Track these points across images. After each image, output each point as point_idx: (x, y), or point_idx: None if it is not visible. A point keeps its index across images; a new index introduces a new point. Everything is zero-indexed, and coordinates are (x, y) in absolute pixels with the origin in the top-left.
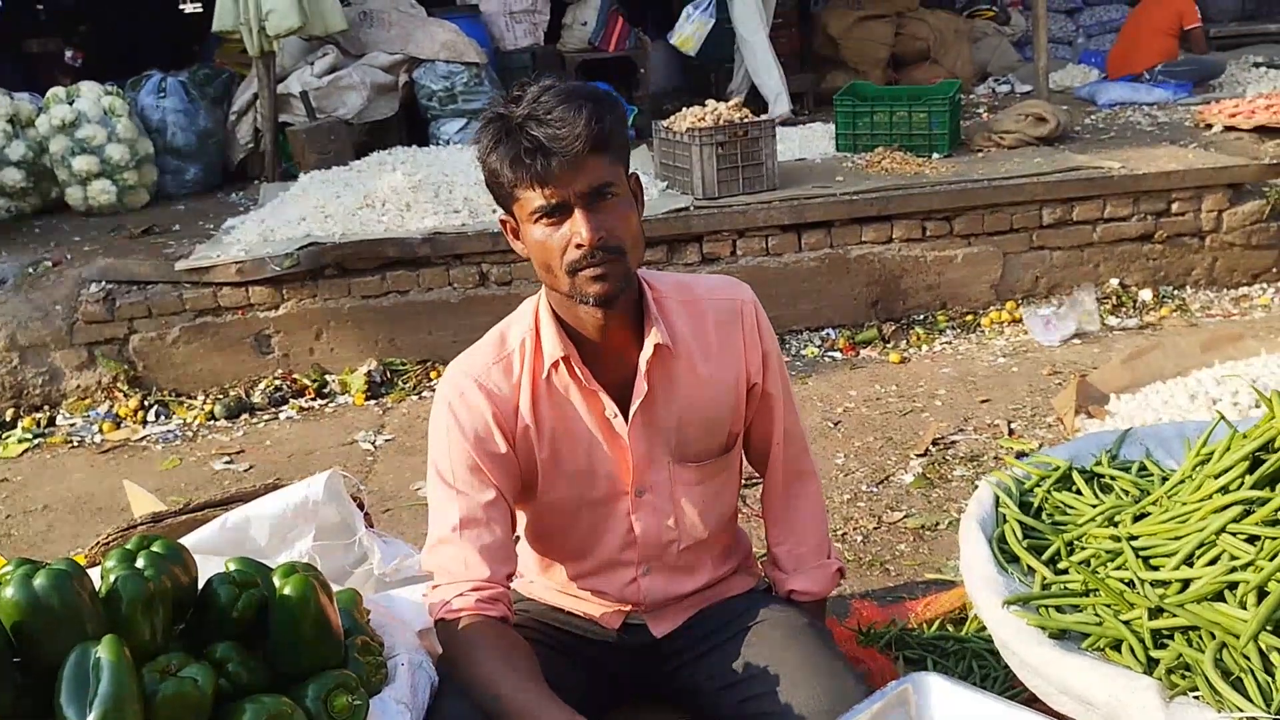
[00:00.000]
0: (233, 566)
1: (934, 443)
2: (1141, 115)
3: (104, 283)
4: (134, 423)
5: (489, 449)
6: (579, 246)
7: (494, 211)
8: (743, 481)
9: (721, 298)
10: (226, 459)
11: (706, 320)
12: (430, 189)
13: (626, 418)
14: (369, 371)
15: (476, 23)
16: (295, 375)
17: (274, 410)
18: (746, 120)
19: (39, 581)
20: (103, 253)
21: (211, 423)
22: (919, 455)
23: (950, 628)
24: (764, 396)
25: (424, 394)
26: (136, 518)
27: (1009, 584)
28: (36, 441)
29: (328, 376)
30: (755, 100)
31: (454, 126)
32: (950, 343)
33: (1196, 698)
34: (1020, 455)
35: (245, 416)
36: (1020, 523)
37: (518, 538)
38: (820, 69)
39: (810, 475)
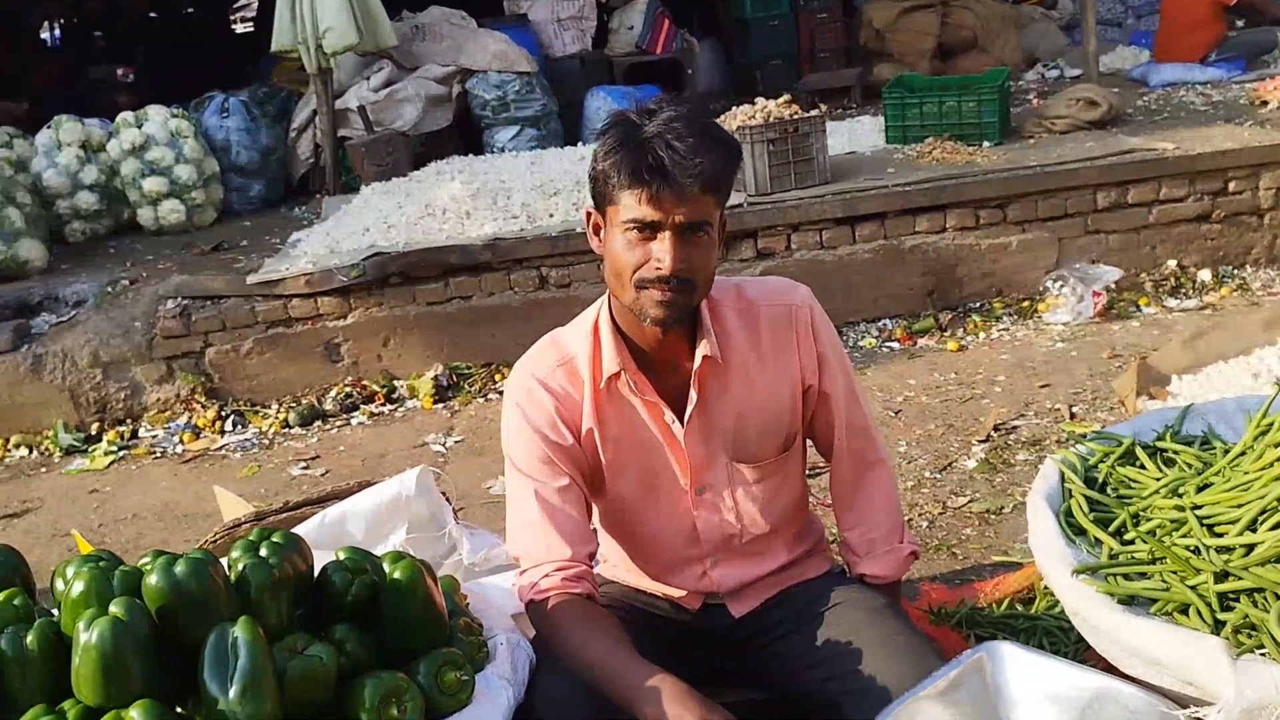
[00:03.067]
0: (343, 555)
1: (995, 428)
2: (1195, 95)
3: (180, 299)
4: (212, 433)
5: (557, 442)
6: (657, 269)
7: (550, 216)
8: (807, 470)
9: (777, 303)
10: (303, 465)
11: (761, 326)
12: (488, 196)
13: (683, 422)
14: (436, 376)
15: (525, 31)
16: (365, 382)
17: (346, 417)
18: (796, 116)
19: (179, 569)
20: (177, 270)
21: (286, 430)
22: (981, 441)
23: (1019, 607)
24: (822, 396)
25: (490, 396)
26: (227, 521)
27: (1077, 555)
28: (121, 454)
29: (396, 382)
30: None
31: (507, 134)
32: (1007, 329)
33: (1263, 654)
34: (1083, 436)
35: (318, 423)
36: (1086, 497)
37: (594, 529)
38: (866, 62)
39: (879, 464)
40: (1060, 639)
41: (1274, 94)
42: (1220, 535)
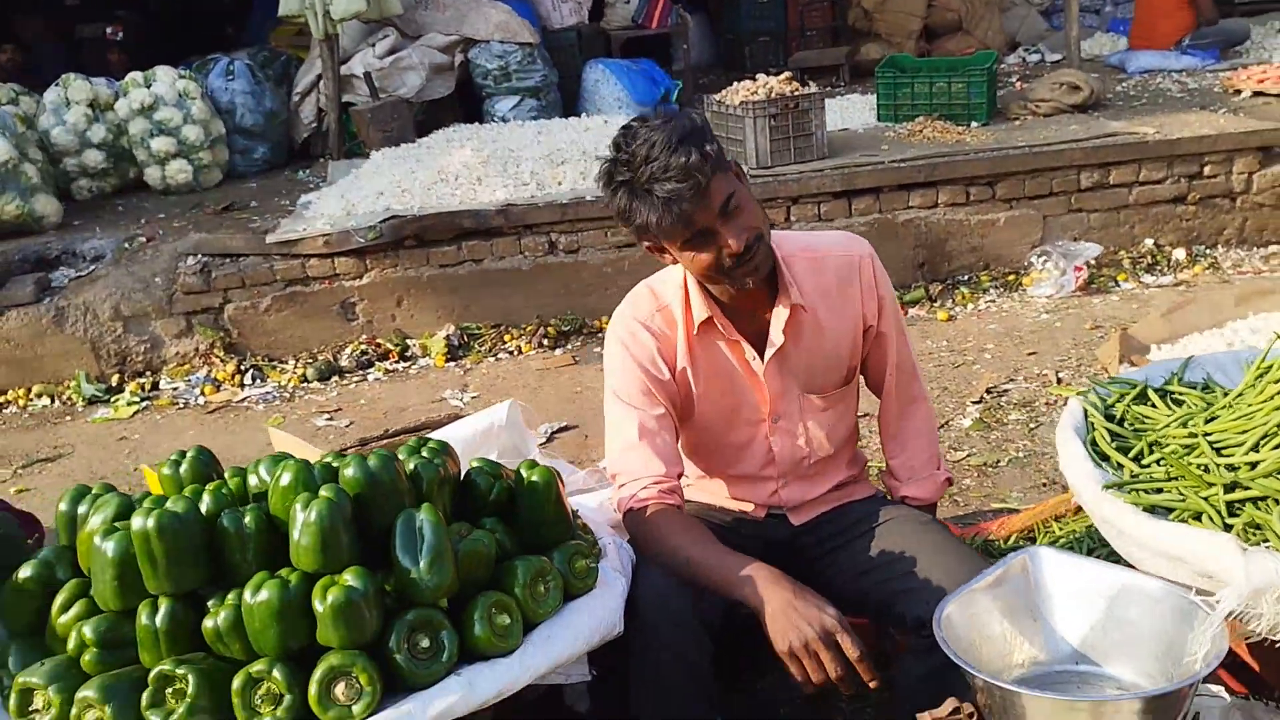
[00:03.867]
0: (477, 464)
1: (987, 391)
2: (1171, 82)
3: (199, 256)
4: (233, 386)
5: (656, 376)
6: (731, 255)
7: (558, 184)
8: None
9: (841, 254)
10: (327, 416)
11: (828, 275)
12: (498, 164)
13: (763, 359)
14: (447, 336)
15: (525, 3)
16: (379, 340)
17: (362, 373)
18: (797, 93)
19: (372, 463)
20: (192, 228)
21: (305, 385)
22: (974, 402)
23: (1024, 543)
24: (879, 336)
25: (500, 356)
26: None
27: (1104, 476)
28: (144, 404)
29: (409, 341)
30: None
31: (508, 104)
32: (994, 301)
33: (1267, 546)
34: (1111, 380)
35: (336, 379)
36: (1108, 429)
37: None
38: (853, 41)
39: (921, 399)
40: None
41: (1247, 83)
42: (1228, 457)
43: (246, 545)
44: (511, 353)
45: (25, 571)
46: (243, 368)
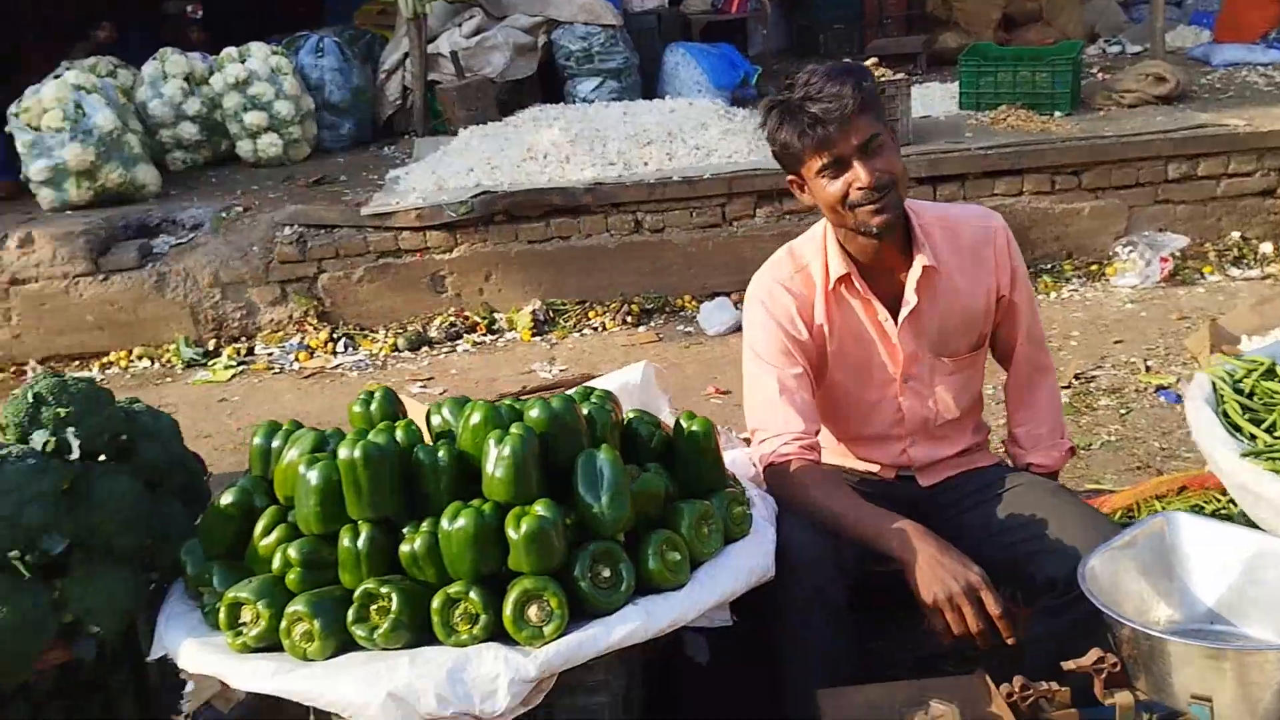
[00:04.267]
0: (635, 414)
1: (1076, 377)
2: (1258, 75)
3: (295, 226)
4: (325, 353)
5: (794, 335)
6: (860, 189)
7: (645, 164)
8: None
9: (976, 223)
10: (420, 384)
11: (963, 242)
12: (585, 143)
13: (896, 322)
14: (534, 311)
15: None
16: (466, 313)
17: (450, 344)
18: (884, 79)
19: (555, 404)
20: (288, 200)
21: (396, 354)
22: (1064, 388)
23: (1128, 521)
24: (1011, 306)
25: (584, 332)
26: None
27: (1238, 445)
28: (240, 368)
29: (496, 315)
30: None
31: (589, 85)
32: (1077, 290)
33: None
34: (1160, 389)
35: (425, 349)
36: (1238, 402)
37: None
38: (931, 30)
39: (1048, 369)
40: None
41: None
42: None
43: (439, 477)
44: (596, 329)
45: (226, 498)
46: (334, 336)
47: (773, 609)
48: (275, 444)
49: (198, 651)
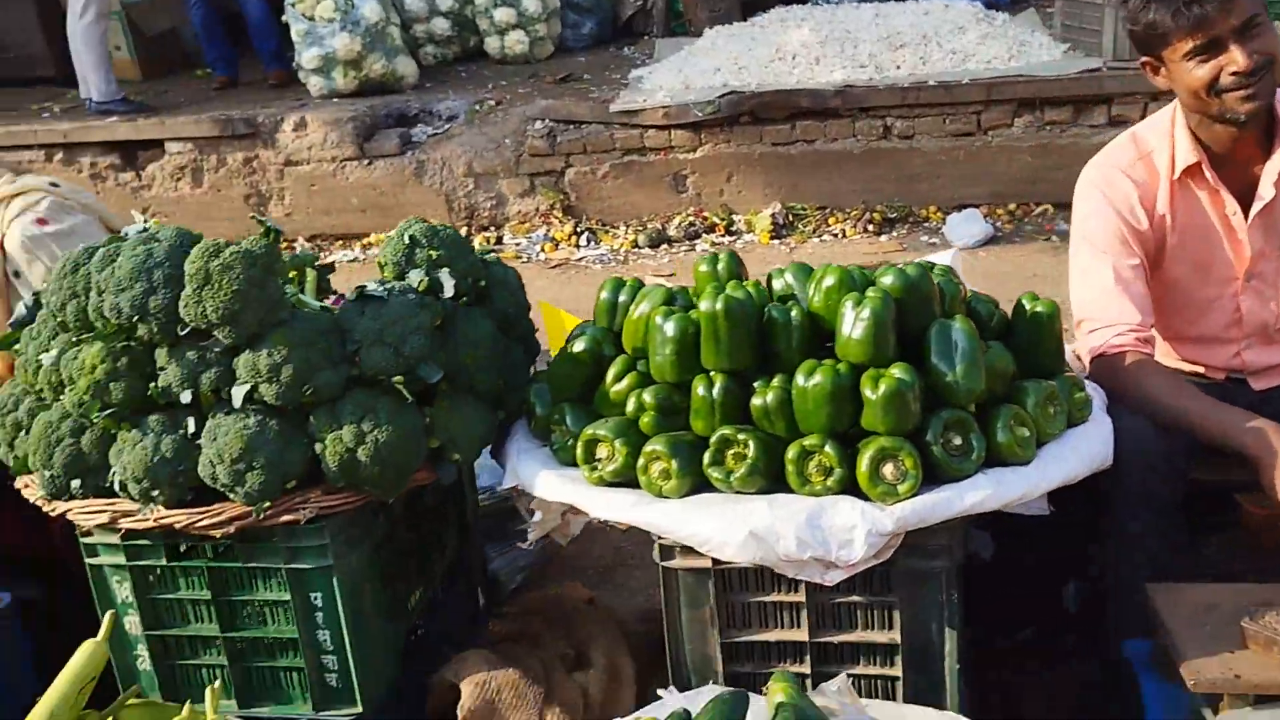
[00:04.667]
0: (971, 292)
1: None
2: None
3: (546, 121)
4: (569, 246)
5: (1132, 225)
6: (1234, 72)
7: (897, 68)
8: None
9: None
10: (662, 280)
11: None
12: (836, 44)
13: (1246, 217)
14: (773, 214)
15: None
16: (706, 213)
17: (690, 243)
18: None
19: (910, 271)
20: (538, 95)
21: (637, 250)
22: None
23: None
24: None
25: (824, 237)
26: None
27: None
28: (490, 255)
29: (734, 216)
30: None
31: None
32: None
33: None
34: None
35: (665, 246)
36: None
37: None
38: None
39: None
40: None
41: None
42: None
43: (792, 335)
44: (835, 235)
45: (578, 346)
46: (578, 230)
47: (1098, 501)
48: (621, 299)
49: (555, 482)
